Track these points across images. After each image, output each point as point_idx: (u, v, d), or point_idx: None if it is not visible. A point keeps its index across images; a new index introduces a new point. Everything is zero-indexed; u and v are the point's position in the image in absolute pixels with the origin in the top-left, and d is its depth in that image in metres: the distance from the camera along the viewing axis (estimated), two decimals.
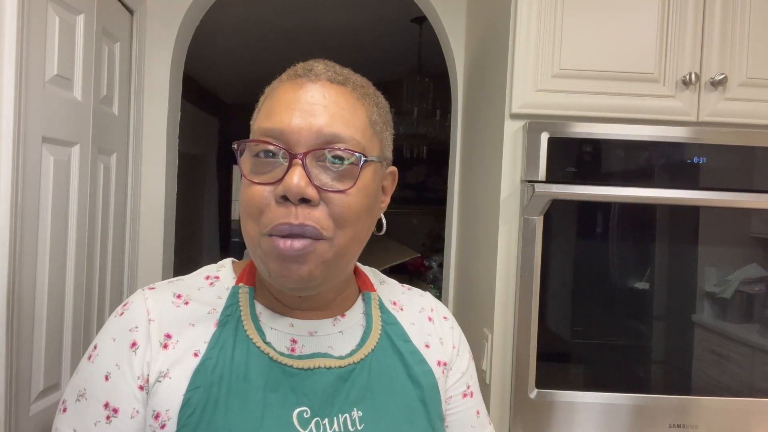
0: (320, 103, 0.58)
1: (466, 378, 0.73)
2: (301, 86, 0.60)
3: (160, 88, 1.84)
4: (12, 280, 1.13)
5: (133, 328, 0.61)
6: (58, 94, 1.29)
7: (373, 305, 0.70)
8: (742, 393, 1.21)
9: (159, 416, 0.58)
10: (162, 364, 0.60)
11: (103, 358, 0.61)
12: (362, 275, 0.74)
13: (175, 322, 0.62)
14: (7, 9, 1.10)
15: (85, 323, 1.46)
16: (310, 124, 0.57)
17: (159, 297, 0.64)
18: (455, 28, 1.91)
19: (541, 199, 1.14)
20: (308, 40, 3.55)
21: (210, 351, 0.60)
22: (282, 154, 0.58)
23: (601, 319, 1.22)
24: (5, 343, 1.11)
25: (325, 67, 0.62)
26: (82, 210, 1.41)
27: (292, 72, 0.63)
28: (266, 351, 0.61)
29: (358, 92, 0.62)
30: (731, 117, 1.21)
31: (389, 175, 0.68)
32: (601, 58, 1.19)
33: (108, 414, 0.60)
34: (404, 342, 0.68)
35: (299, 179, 0.55)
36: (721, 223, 1.20)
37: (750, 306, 1.22)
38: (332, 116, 0.58)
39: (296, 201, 0.56)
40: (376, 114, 0.64)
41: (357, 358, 0.64)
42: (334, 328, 0.66)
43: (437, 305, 0.77)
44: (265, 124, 0.59)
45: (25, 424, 1.20)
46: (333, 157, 0.58)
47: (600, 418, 1.19)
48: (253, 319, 0.63)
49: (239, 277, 0.67)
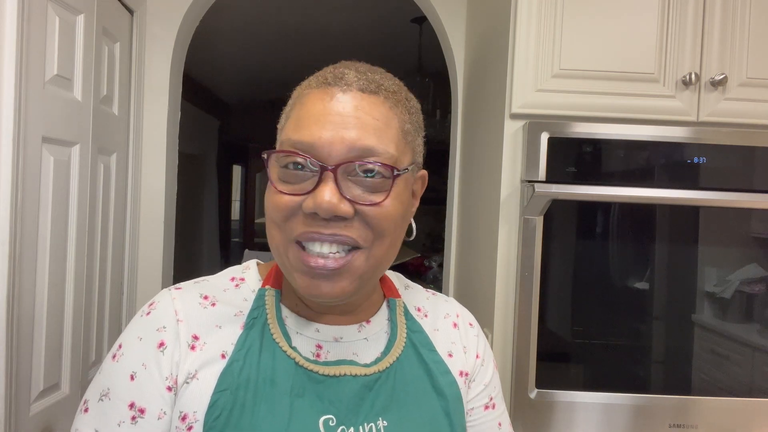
0: (352, 115, 0.56)
1: (489, 390, 0.72)
2: (332, 96, 0.57)
3: (160, 88, 1.84)
4: (12, 279, 1.13)
5: (160, 327, 0.61)
6: (58, 94, 1.29)
7: (398, 312, 0.69)
8: (742, 393, 1.21)
9: (186, 418, 0.58)
10: (191, 366, 0.59)
11: (129, 358, 0.60)
12: (387, 280, 0.73)
13: (202, 323, 0.62)
14: (7, 9, 1.10)
15: (85, 323, 1.46)
16: (342, 137, 0.55)
17: (186, 297, 0.63)
18: (455, 29, 1.91)
19: (541, 199, 1.14)
20: (308, 40, 3.55)
21: (237, 353, 0.60)
22: (311, 165, 0.55)
23: (601, 319, 1.22)
24: (5, 343, 1.11)
25: (356, 75, 0.60)
26: (82, 210, 1.41)
27: (322, 78, 0.60)
28: (292, 356, 0.60)
29: (391, 101, 0.60)
30: (731, 117, 1.21)
31: (419, 179, 0.67)
32: (600, 58, 1.19)
33: (134, 414, 0.59)
34: (429, 351, 0.67)
35: (331, 195, 0.53)
36: (721, 223, 1.20)
37: (750, 306, 1.22)
38: (364, 128, 0.56)
39: (328, 218, 0.54)
40: (408, 123, 0.61)
41: (382, 366, 0.63)
42: (359, 334, 0.66)
43: (463, 311, 0.76)
44: (295, 136, 0.57)
45: (25, 424, 1.20)
46: (365, 171, 0.56)
47: (600, 418, 1.19)
48: (279, 323, 0.62)
49: (265, 279, 0.66)
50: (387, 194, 0.56)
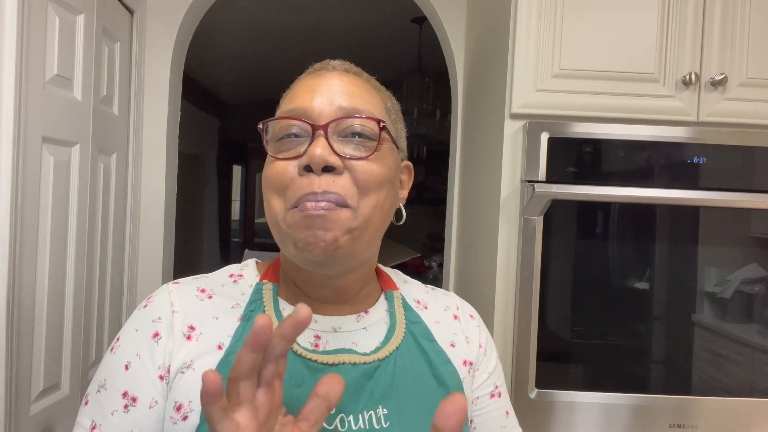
0: (338, 84, 0.62)
1: (493, 378, 0.73)
2: (319, 75, 0.64)
3: (160, 88, 1.84)
4: (12, 280, 1.13)
5: (156, 319, 0.62)
6: (58, 94, 1.29)
7: (397, 303, 0.70)
8: (742, 393, 1.21)
9: (181, 408, 0.58)
10: (186, 356, 0.60)
11: (125, 349, 0.62)
12: (384, 275, 0.74)
13: (199, 314, 0.63)
14: (7, 9, 1.10)
15: (85, 323, 1.46)
16: (330, 100, 0.61)
17: (183, 290, 0.65)
18: (455, 28, 1.91)
19: (541, 199, 1.14)
20: (308, 40, 3.55)
21: (234, 345, 0.60)
22: (304, 128, 0.60)
23: (601, 319, 1.22)
24: (5, 343, 1.11)
25: (340, 62, 0.67)
26: (82, 210, 1.41)
27: (310, 69, 0.67)
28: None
29: (372, 84, 0.67)
30: (731, 117, 1.21)
31: (405, 169, 0.70)
32: (601, 58, 1.19)
33: (126, 403, 0.59)
34: (429, 341, 0.68)
35: (322, 149, 0.57)
36: (721, 223, 1.20)
37: (750, 306, 1.22)
38: (350, 93, 0.62)
39: (319, 170, 0.57)
40: (389, 104, 0.67)
41: (382, 355, 0.63)
42: (358, 324, 0.66)
43: (463, 304, 0.76)
44: (288, 107, 0.62)
45: (25, 424, 1.20)
46: (353, 134, 0.60)
47: (600, 418, 1.19)
48: (277, 314, 0.63)
49: (263, 275, 0.68)
50: (373, 150, 0.60)
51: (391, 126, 0.65)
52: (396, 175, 0.65)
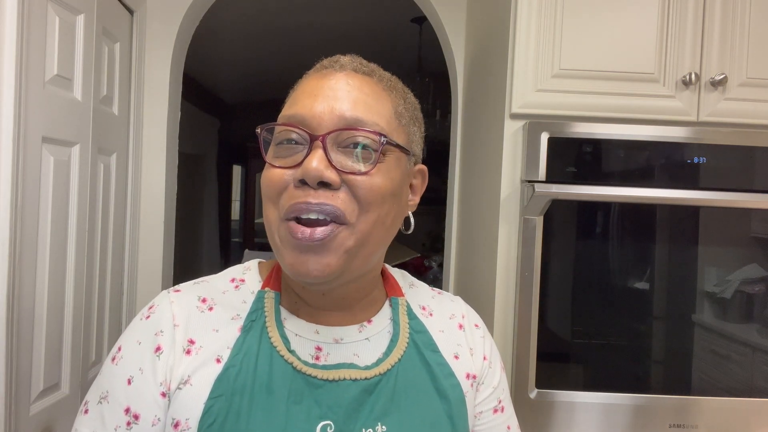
0: (343, 89, 0.58)
1: (497, 393, 0.71)
2: (325, 75, 0.60)
3: (160, 88, 1.84)
4: (12, 280, 1.13)
5: (158, 332, 0.61)
6: (58, 94, 1.29)
7: (401, 311, 0.68)
8: (742, 393, 1.21)
9: (178, 425, 0.57)
10: (184, 371, 0.59)
11: (127, 361, 0.60)
12: (390, 279, 0.72)
13: (199, 327, 0.61)
14: (7, 9, 1.10)
15: (85, 323, 1.46)
16: (332, 108, 0.57)
17: (184, 301, 0.63)
18: (455, 28, 1.91)
19: (541, 199, 1.14)
20: (308, 40, 3.55)
21: (233, 358, 0.59)
22: (302, 136, 0.57)
23: (601, 319, 1.22)
24: (5, 343, 1.11)
25: (350, 59, 0.63)
26: (82, 210, 1.41)
27: (319, 65, 0.64)
28: (290, 360, 0.59)
29: (384, 83, 0.62)
30: (731, 117, 1.21)
31: (418, 173, 0.67)
32: (601, 58, 1.19)
33: (129, 420, 0.58)
34: (432, 352, 0.66)
35: (318, 162, 0.54)
36: (721, 223, 1.20)
37: (750, 306, 1.22)
38: (355, 101, 0.58)
39: (315, 185, 0.55)
40: (402, 107, 0.63)
41: (383, 368, 0.62)
42: (360, 335, 0.65)
43: (468, 312, 0.75)
44: (288, 112, 0.59)
45: (25, 424, 1.20)
46: (354, 144, 0.57)
47: (600, 418, 1.19)
48: (278, 325, 0.62)
49: (265, 281, 0.66)
50: (374, 165, 0.57)
51: (401, 131, 0.62)
52: (403, 185, 0.62)
